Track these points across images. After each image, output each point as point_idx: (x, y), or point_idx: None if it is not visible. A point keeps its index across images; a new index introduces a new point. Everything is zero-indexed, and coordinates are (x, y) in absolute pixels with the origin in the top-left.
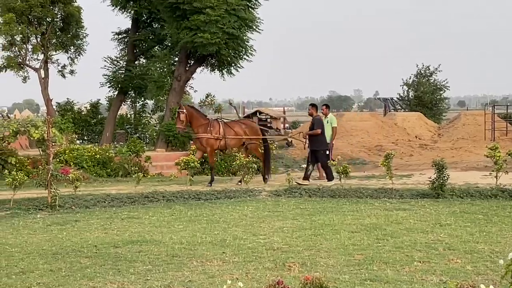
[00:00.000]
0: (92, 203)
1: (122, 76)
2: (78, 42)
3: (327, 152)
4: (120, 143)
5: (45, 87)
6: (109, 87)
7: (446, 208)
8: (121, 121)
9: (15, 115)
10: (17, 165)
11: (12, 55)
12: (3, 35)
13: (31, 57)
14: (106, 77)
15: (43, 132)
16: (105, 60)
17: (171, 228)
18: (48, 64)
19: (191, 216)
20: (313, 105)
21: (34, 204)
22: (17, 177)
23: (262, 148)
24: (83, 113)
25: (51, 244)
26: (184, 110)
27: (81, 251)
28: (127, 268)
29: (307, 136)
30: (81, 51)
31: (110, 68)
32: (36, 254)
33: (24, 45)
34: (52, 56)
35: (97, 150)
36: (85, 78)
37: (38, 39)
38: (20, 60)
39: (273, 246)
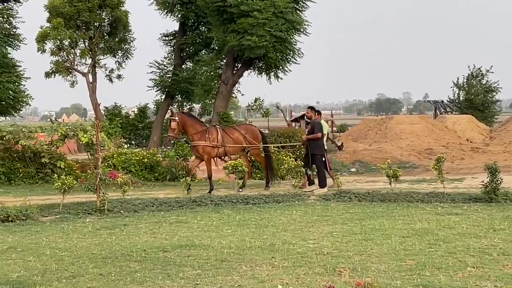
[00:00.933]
0: (141, 207)
1: (169, 80)
2: (126, 46)
3: (323, 158)
4: (168, 147)
5: (93, 91)
6: (156, 91)
7: (500, 213)
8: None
9: (63, 119)
10: (66, 169)
11: (60, 60)
12: (52, 40)
13: (79, 62)
14: (153, 81)
15: (91, 136)
16: (152, 65)
17: (219, 233)
18: (96, 69)
19: (240, 221)
20: (312, 108)
21: (83, 208)
22: (66, 181)
23: (264, 153)
24: (130, 117)
25: (100, 248)
26: (176, 118)
27: (130, 255)
28: (176, 272)
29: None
30: (129, 55)
31: (157, 72)
32: (86, 258)
33: (72, 50)
34: (100, 61)
35: (144, 154)
36: (132, 82)
37: (86, 44)
38: (68, 65)
39: (323, 251)
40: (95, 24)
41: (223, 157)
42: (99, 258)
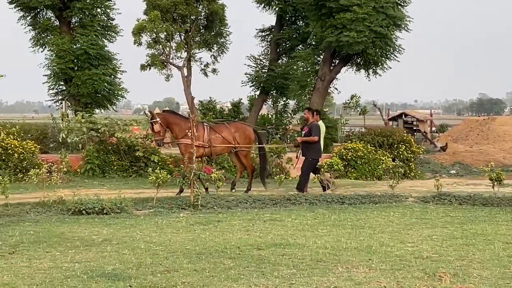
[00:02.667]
0: (234, 203)
1: (265, 75)
2: (221, 40)
3: (316, 164)
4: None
5: (187, 85)
6: (251, 86)
7: None
8: (262, 121)
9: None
10: (159, 164)
11: (156, 53)
12: (148, 33)
13: (175, 55)
14: (249, 76)
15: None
16: (248, 59)
17: (314, 232)
18: (191, 63)
19: (335, 221)
20: (309, 109)
21: (177, 203)
22: (160, 176)
23: (258, 154)
24: (225, 112)
25: (194, 243)
26: (158, 119)
27: (224, 252)
28: (271, 271)
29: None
30: (224, 49)
31: (253, 67)
32: (180, 253)
33: (168, 43)
34: (195, 54)
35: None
36: (227, 76)
37: (182, 37)
38: (164, 58)
39: (422, 254)
40: (192, 17)
41: (210, 157)
42: (193, 254)
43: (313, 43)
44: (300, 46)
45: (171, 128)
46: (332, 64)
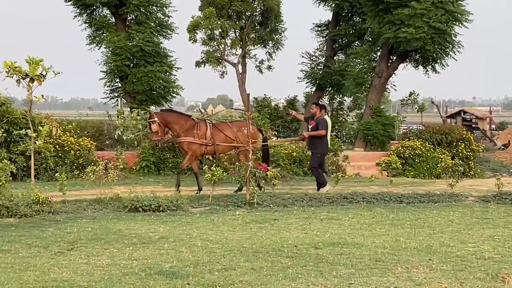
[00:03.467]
0: (290, 202)
1: (320, 72)
2: (277, 36)
3: (323, 158)
4: None
5: (242, 82)
6: (306, 83)
7: None
8: None
9: (212, 110)
10: (214, 161)
11: (211, 50)
12: (203, 30)
13: (229, 52)
14: (304, 72)
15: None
16: (303, 56)
17: (372, 231)
18: (246, 59)
19: (393, 220)
20: (317, 104)
21: (233, 201)
22: (216, 173)
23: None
24: (280, 109)
25: (251, 242)
26: (156, 119)
27: (281, 250)
28: (329, 270)
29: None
30: (279, 46)
31: (308, 64)
32: (237, 252)
33: (223, 40)
34: (250, 51)
35: (294, 148)
36: (281, 73)
37: (237, 34)
38: (219, 55)
39: (484, 255)
40: (247, 13)
41: (213, 156)
42: (250, 252)
43: (370, 39)
44: (357, 42)
45: (171, 127)
46: (390, 61)
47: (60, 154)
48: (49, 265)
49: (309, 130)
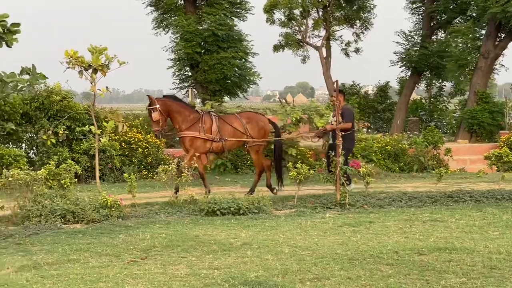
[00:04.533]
0: (387, 202)
1: (416, 53)
2: (365, 15)
3: (349, 154)
4: (415, 132)
5: (327, 67)
6: (400, 66)
7: None
8: (414, 106)
9: (293, 100)
10: (298, 157)
11: (291, 31)
12: (282, 9)
13: (311, 34)
14: (398, 54)
15: (328, 122)
16: (398, 35)
17: (484, 235)
18: (330, 42)
19: (508, 221)
20: (341, 92)
21: (321, 201)
22: (301, 171)
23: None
24: (369, 97)
25: (345, 248)
26: (157, 106)
27: (380, 257)
28: (436, 279)
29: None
30: (368, 26)
31: (403, 44)
32: (330, 259)
33: (304, 20)
34: (335, 32)
35: (387, 140)
36: (371, 56)
37: (320, 13)
38: (300, 37)
39: None
40: None
41: (220, 153)
42: (345, 259)
43: (474, 15)
44: (458, 19)
45: (173, 117)
46: (497, 39)
47: (126, 153)
48: (123, 275)
49: (332, 123)
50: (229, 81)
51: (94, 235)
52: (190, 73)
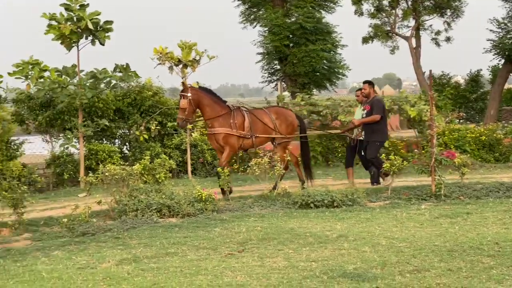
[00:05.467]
0: (483, 193)
1: (510, 41)
2: (455, 3)
3: (381, 147)
4: (510, 122)
5: (416, 58)
6: (494, 54)
7: None
8: (508, 96)
9: (382, 91)
10: (390, 149)
11: (379, 22)
12: (371, 1)
13: (401, 25)
14: (492, 42)
15: (420, 110)
16: (491, 22)
17: None
18: (420, 31)
19: None
20: (369, 83)
21: (415, 193)
22: (395, 163)
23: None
24: (461, 87)
25: (443, 239)
26: (188, 94)
27: (480, 248)
28: None
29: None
30: (459, 14)
31: (496, 32)
32: (429, 251)
33: (393, 11)
34: (424, 22)
35: (481, 130)
36: (460, 45)
37: (409, 3)
38: (388, 28)
39: None
40: None
41: (246, 151)
42: (444, 251)
43: None
44: None
45: (204, 111)
46: None
47: None
48: (221, 268)
49: (364, 116)
50: (318, 73)
51: (190, 229)
52: (278, 67)
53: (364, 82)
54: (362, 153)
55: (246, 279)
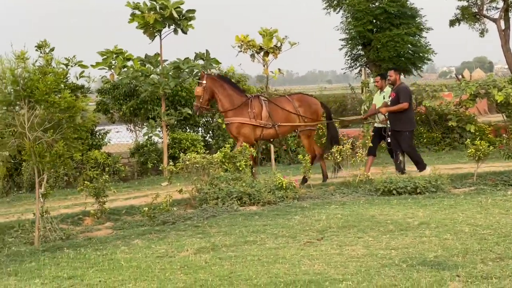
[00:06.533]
0: None
1: None
2: None
3: (412, 136)
4: None
5: (505, 40)
6: None
7: None
8: None
9: (470, 75)
10: (477, 134)
11: (466, 4)
12: None
13: (489, 6)
14: None
15: (507, 95)
16: None
17: None
18: (509, 13)
19: None
20: (396, 70)
21: (502, 178)
22: (480, 148)
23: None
24: None
25: None
26: (204, 82)
27: None
28: None
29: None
30: None
31: None
32: None
33: None
34: None
35: None
36: None
37: None
38: (476, 10)
39: None
40: None
41: (270, 140)
42: None
43: None
44: None
45: (218, 99)
46: None
47: None
48: (299, 256)
49: (389, 103)
50: (403, 58)
51: (270, 217)
52: (362, 52)
53: (390, 69)
54: (389, 141)
55: (323, 267)
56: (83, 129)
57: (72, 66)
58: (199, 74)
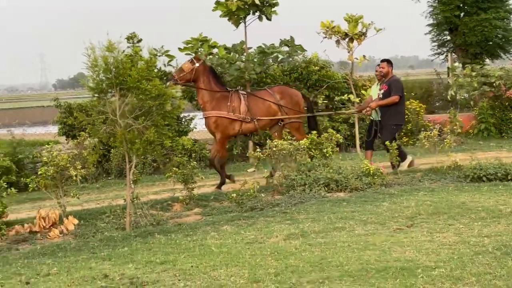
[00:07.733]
0: None
1: None
2: None
3: (398, 130)
4: None
5: None
6: None
7: None
8: None
9: None
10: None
11: None
12: None
13: None
14: None
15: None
16: None
17: None
18: None
19: None
20: (388, 62)
21: None
22: None
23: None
24: None
25: None
26: (196, 64)
27: None
28: None
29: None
30: None
31: None
32: None
33: None
34: None
35: None
36: None
37: None
38: None
39: None
40: None
41: (249, 135)
42: None
43: None
44: None
45: (199, 89)
46: None
47: None
48: (389, 243)
49: (380, 96)
50: (491, 43)
51: (358, 203)
52: (448, 37)
53: (382, 61)
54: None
55: (415, 254)
56: (172, 116)
57: (160, 55)
58: (284, 61)
